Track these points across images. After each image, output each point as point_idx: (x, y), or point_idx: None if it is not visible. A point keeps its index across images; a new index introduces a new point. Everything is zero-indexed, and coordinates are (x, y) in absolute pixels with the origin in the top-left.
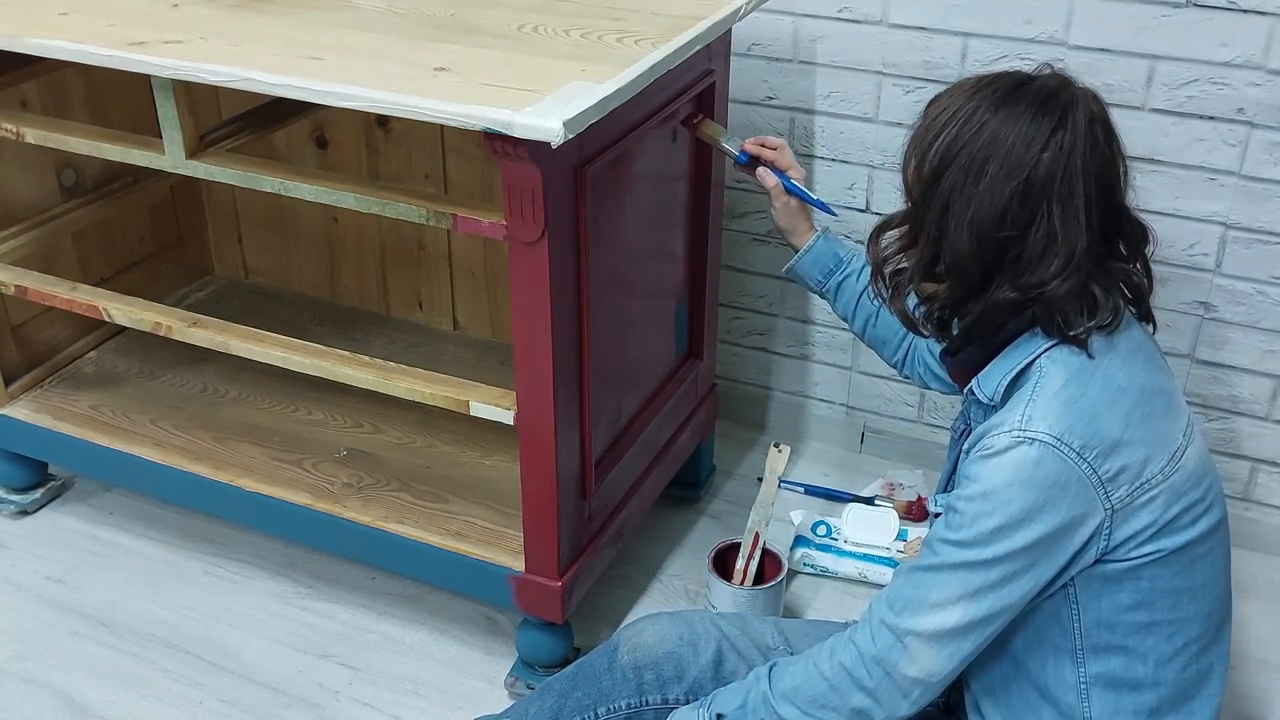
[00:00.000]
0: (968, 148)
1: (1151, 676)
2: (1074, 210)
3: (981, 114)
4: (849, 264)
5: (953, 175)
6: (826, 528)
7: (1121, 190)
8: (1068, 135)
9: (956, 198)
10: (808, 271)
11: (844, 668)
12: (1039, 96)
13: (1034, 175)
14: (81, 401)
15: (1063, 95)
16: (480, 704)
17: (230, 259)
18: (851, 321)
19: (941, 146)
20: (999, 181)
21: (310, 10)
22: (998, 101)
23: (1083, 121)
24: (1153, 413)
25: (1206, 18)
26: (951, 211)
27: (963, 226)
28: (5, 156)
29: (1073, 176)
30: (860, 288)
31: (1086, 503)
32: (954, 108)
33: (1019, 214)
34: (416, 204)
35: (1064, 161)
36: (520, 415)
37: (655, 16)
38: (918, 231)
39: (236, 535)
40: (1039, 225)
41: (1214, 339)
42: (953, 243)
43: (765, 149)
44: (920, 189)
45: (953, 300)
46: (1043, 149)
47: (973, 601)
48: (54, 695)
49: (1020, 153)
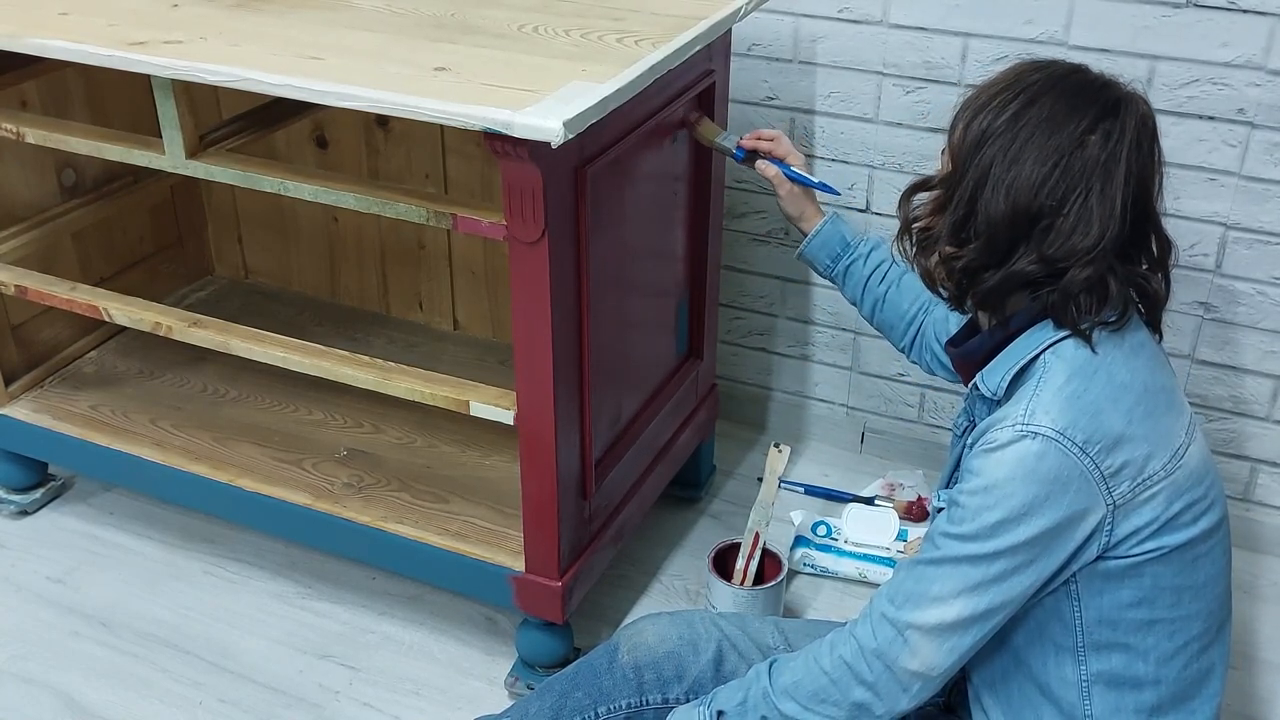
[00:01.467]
0: (1018, 117)
1: (1152, 675)
2: (1110, 197)
3: (1035, 90)
4: (856, 247)
5: (999, 141)
6: (826, 528)
7: (1156, 199)
8: (1117, 125)
9: (999, 162)
10: (816, 256)
11: (844, 661)
12: (1094, 84)
13: (1078, 154)
14: (81, 401)
15: (1118, 90)
16: (480, 704)
17: (230, 259)
18: (860, 305)
19: (990, 114)
20: (1044, 153)
21: (310, 10)
22: (1054, 81)
23: (1133, 121)
24: (1155, 409)
25: (1207, 18)
26: (991, 176)
27: (1000, 191)
28: (5, 156)
29: (1114, 166)
30: (868, 271)
31: (1088, 498)
32: (1011, 79)
33: (1058, 187)
34: (416, 204)
35: (1109, 149)
36: (520, 415)
37: (655, 16)
38: (953, 193)
39: (236, 535)
40: (1074, 201)
41: (1214, 339)
42: (988, 206)
43: (761, 141)
44: (965, 152)
45: (976, 265)
46: (1091, 130)
47: (974, 595)
48: (54, 695)
49: (1070, 129)
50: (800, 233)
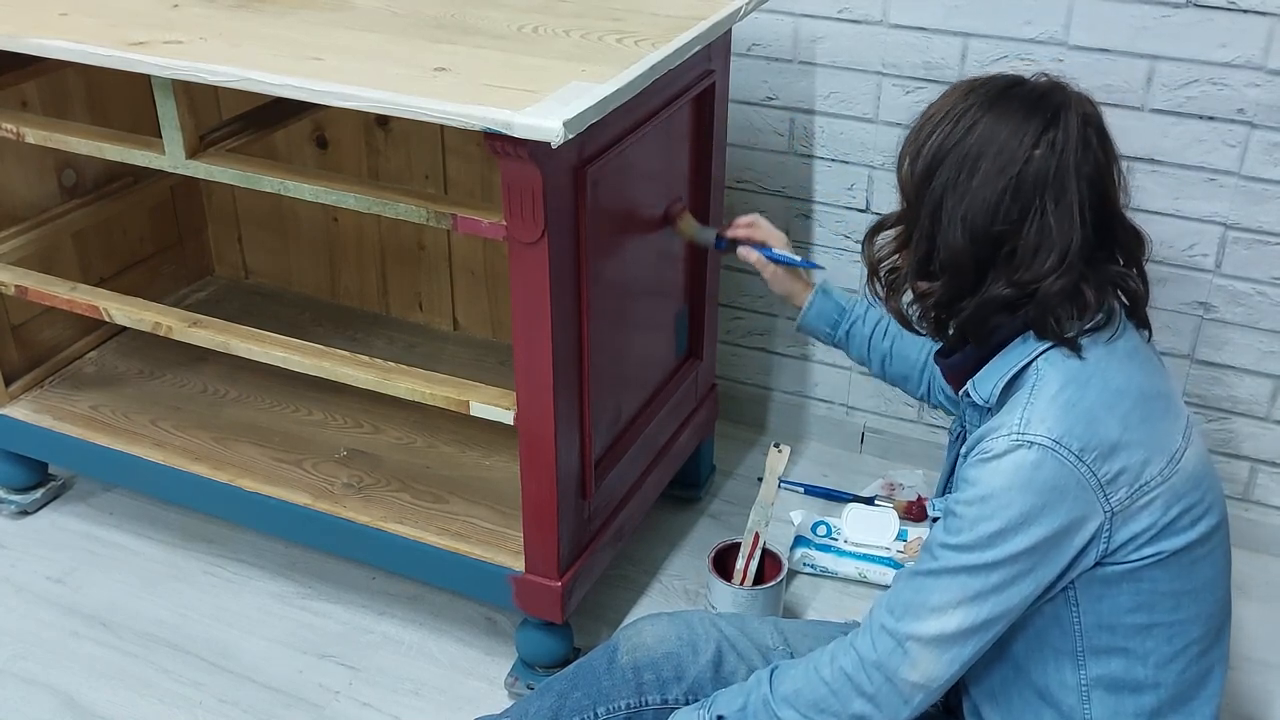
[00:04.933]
0: (960, 145)
1: (1152, 678)
2: (1067, 208)
3: (974, 113)
4: (852, 310)
5: (945, 172)
6: (826, 528)
7: (1115, 195)
8: (1060, 134)
9: (949, 194)
10: (815, 326)
11: (844, 672)
12: (1031, 96)
13: (1026, 171)
14: (81, 401)
15: (1056, 96)
16: (480, 704)
17: (230, 259)
18: (870, 365)
19: (934, 144)
20: (991, 177)
21: (310, 10)
22: (990, 101)
23: (1075, 123)
24: (1151, 415)
25: (1206, 18)
26: (945, 208)
27: (955, 222)
28: (5, 156)
29: (1065, 174)
30: (868, 331)
31: (1086, 505)
32: (947, 108)
33: (1011, 208)
34: (416, 204)
35: (1056, 159)
36: (520, 415)
37: (655, 16)
38: (911, 230)
39: (236, 535)
40: (1032, 221)
41: (1214, 339)
42: (946, 239)
43: (739, 229)
44: (914, 187)
45: (947, 297)
46: (1034, 146)
47: (973, 606)
48: (54, 695)
49: (1013, 148)
50: (795, 308)
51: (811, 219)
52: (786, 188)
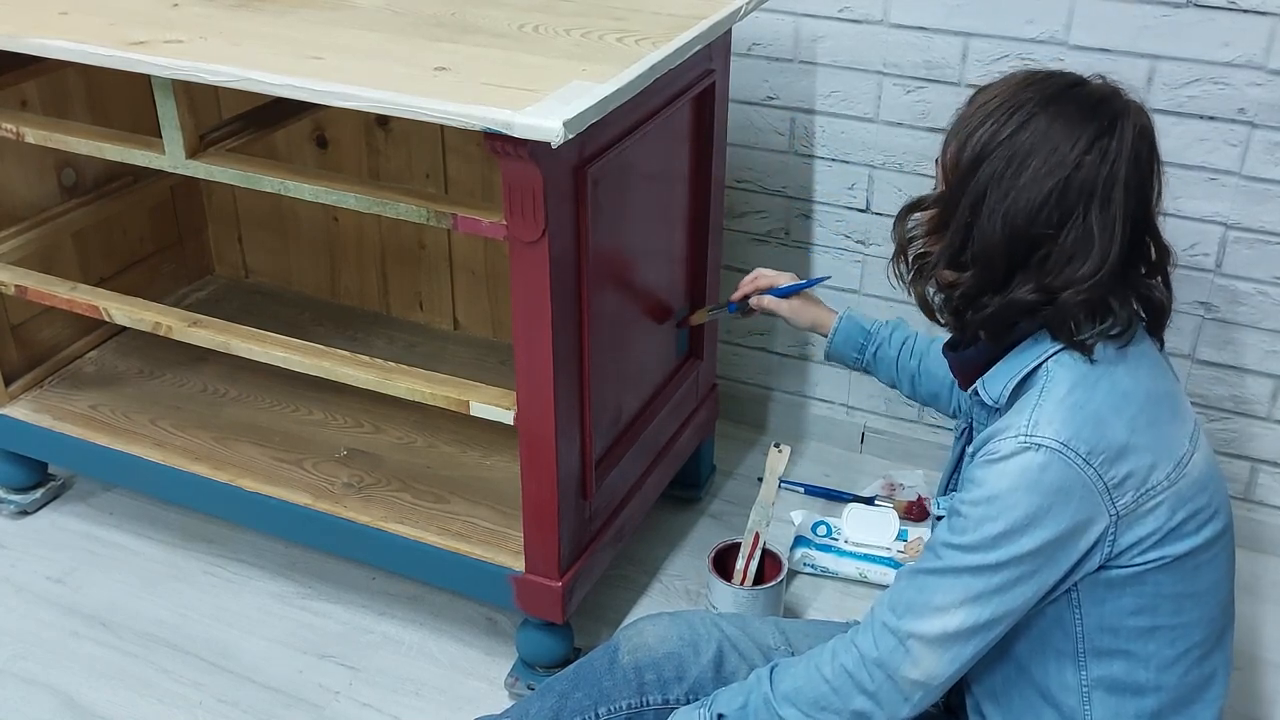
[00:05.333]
0: (1012, 139)
1: (1154, 681)
2: (1110, 218)
3: (1030, 108)
4: (878, 333)
5: (993, 164)
6: (826, 528)
7: (1154, 208)
8: (1114, 143)
9: (994, 187)
10: (843, 352)
11: (845, 670)
12: (1090, 99)
13: (1074, 176)
14: (81, 401)
15: (1114, 103)
16: (480, 704)
17: (230, 259)
18: (900, 386)
19: (986, 134)
20: (1040, 176)
21: (310, 10)
22: (1048, 99)
23: (1130, 133)
24: (1158, 419)
25: (1207, 18)
26: (987, 200)
27: (996, 216)
28: (5, 156)
29: (1113, 185)
30: (894, 353)
31: (1091, 508)
32: (1002, 98)
33: (1054, 212)
34: (417, 204)
35: (1107, 168)
36: (520, 415)
37: (656, 16)
38: (949, 216)
39: (236, 535)
40: (1073, 227)
41: (1215, 339)
42: (984, 231)
43: (744, 287)
44: (958, 175)
45: (974, 291)
46: (1087, 151)
47: (975, 606)
48: (54, 695)
49: (1065, 151)
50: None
51: (812, 219)
52: (787, 187)
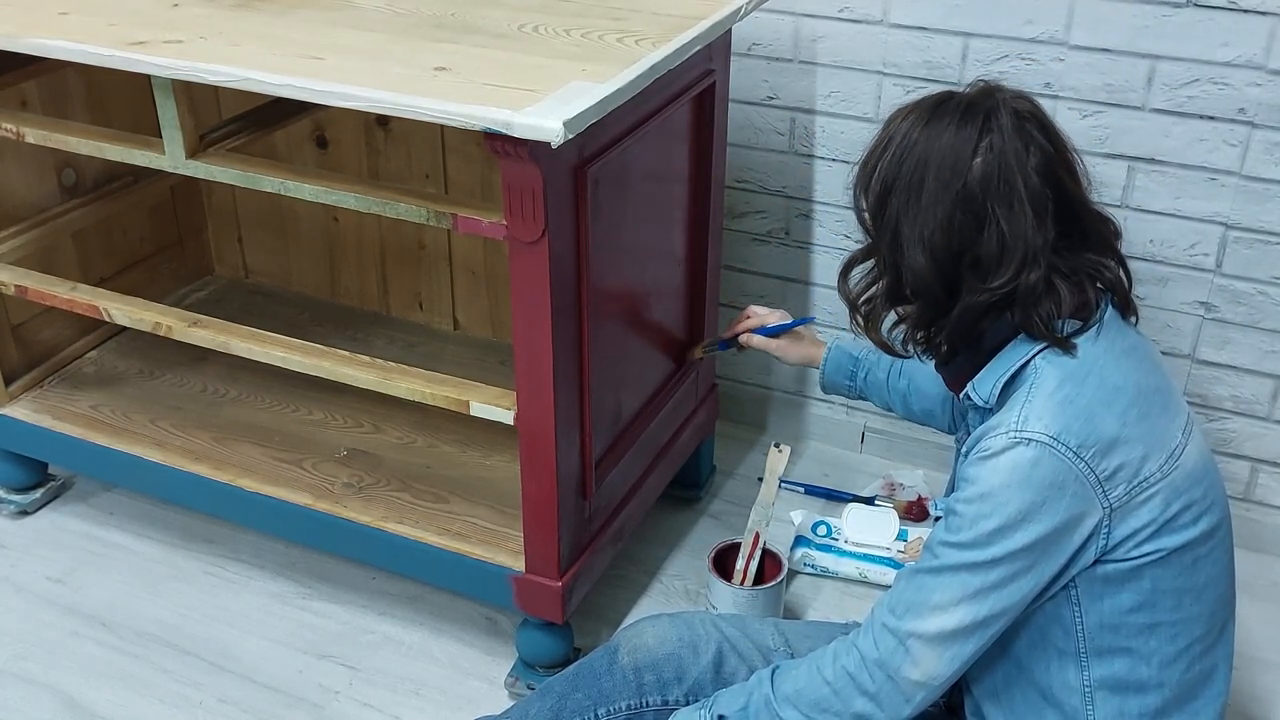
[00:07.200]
0: (904, 169)
1: (1156, 678)
2: (1019, 209)
3: (911, 134)
4: (865, 358)
5: (896, 199)
6: (826, 528)
7: (1073, 183)
8: (996, 137)
9: (904, 220)
10: (836, 381)
11: (846, 671)
12: (960, 106)
13: (970, 181)
14: (81, 401)
15: (985, 102)
16: (480, 704)
17: (230, 259)
18: (894, 408)
19: (881, 174)
20: (938, 194)
21: (310, 10)
22: (923, 119)
23: (1009, 122)
24: (1149, 411)
25: (1207, 18)
26: (902, 234)
27: (915, 245)
28: (5, 156)
29: (1009, 175)
30: (883, 375)
31: (1084, 501)
32: (887, 136)
33: (966, 220)
34: (417, 204)
35: (997, 163)
36: (520, 415)
37: (655, 16)
38: (878, 260)
39: (236, 535)
40: (988, 229)
41: (1215, 339)
42: (911, 263)
43: (737, 325)
44: (871, 219)
45: (927, 317)
46: (973, 155)
47: (974, 603)
48: (54, 695)
49: (952, 162)
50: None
51: (812, 219)
52: (787, 187)
